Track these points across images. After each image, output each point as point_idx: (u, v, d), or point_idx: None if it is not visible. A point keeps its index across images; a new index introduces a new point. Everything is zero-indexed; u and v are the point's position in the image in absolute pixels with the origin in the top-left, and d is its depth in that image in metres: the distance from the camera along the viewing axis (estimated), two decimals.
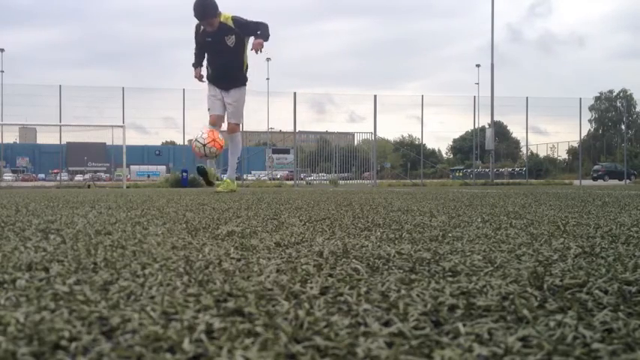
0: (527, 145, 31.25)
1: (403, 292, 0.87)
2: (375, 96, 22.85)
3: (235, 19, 6.82)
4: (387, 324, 0.71)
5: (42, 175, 41.87)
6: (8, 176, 29.89)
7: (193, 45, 7.08)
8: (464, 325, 0.69)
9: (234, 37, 6.88)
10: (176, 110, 24.16)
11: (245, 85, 7.17)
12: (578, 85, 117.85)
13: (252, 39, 6.80)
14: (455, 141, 58.90)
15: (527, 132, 26.80)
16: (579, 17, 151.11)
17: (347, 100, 38.59)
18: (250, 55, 7.02)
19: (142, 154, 50.26)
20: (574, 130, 27.72)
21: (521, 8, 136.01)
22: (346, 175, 24.32)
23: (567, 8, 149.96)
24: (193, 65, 7.20)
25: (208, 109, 7.19)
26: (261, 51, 6.86)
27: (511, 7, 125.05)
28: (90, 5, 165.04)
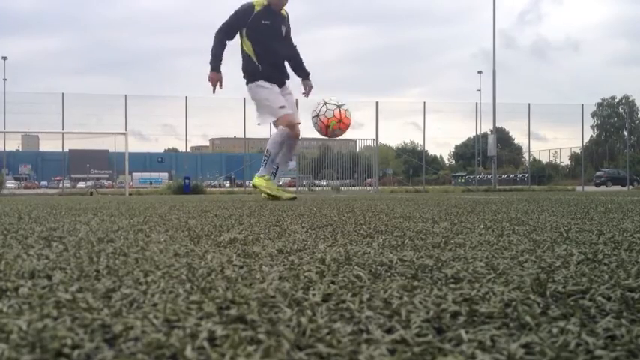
0: (529, 152, 31.28)
1: (405, 298, 0.87)
2: (377, 102, 22.89)
3: (287, 12, 6.14)
4: (389, 331, 0.71)
5: (44, 183, 41.91)
6: (11, 184, 29.93)
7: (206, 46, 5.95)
8: (466, 332, 0.69)
9: (286, 28, 6.14)
10: (177, 118, 24.26)
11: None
12: (576, 91, 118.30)
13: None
14: (457, 147, 58.91)
15: (529, 138, 26.87)
16: (574, 23, 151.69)
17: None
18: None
19: (144, 162, 50.33)
20: (576, 137, 27.70)
21: (511, 16, 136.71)
22: (348, 181, 24.33)
23: (559, 15, 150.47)
24: (214, 67, 5.97)
25: (281, 106, 6.00)
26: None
27: (501, 13, 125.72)
28: (91, 14, 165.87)
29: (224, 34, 6.03)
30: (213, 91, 6.09)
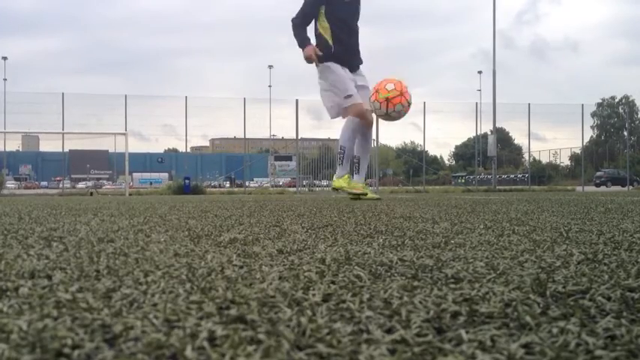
0: (529, 152, 31.29)
1: (406, 299, 0.87)
2: None
3: None
4: (389, 331, 0.71)
5: (44, 183, 41.99)
6: (11, 184, 29.94)
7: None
8: (466, 332, 0.69)
9: (359, 12, 5.72)
10: (177, 118, 24.30)
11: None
12: (576, 91, 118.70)
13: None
14: (457, 147, 58.95)
15: (529, 138, 26.87)
16: (572, 24, 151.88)
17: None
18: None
19: (144, 162, 50.39)
20: (576, 137, 27.73)
21: (509, 16, 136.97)
22: None
23: (557, 15, 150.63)
24: (304, 42, 5.53)
25: (348, 95, 5.57)
26: None
27: (499, 13, 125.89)
28: (91, 14, 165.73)
29: (302, 25, 5.67)
30: (316, 64, 5.66)
